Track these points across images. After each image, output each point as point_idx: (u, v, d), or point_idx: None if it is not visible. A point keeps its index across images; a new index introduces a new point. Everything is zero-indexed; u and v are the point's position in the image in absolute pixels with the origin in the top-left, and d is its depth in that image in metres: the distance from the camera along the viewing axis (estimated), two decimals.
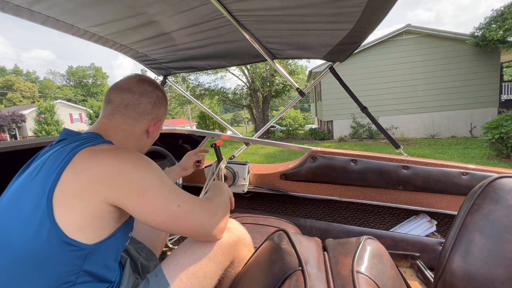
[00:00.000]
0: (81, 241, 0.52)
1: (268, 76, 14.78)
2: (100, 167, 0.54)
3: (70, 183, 0.52)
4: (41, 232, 0.50)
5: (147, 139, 0.79)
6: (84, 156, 0.55)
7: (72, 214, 0.51)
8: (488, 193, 0.59)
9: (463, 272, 0.56)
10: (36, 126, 23.47)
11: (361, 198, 1.50)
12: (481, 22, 9.80)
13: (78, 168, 0.53)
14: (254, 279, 0.52)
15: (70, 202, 0.51)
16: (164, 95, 0.82)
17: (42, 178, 0.53)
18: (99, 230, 0.56)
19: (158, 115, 0.79)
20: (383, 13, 0.90)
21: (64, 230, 0.50)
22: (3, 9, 0.99)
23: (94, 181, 0.53)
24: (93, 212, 0.53)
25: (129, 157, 0.58)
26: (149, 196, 0.57)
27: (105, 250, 0.58)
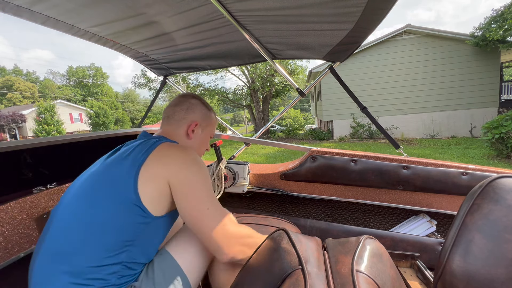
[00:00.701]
0: (149, 210, 0.69)
1: (268, 76, 14.78)
2: (173, 156, 0.74)
3: (151, 166, 0.71)
4: (126, 195, 0.67)
5: (190, 141, 0.92)
6: (163, 148, 0.75)
7: (148, 188, 0.69)
8: (488, 193, 0.60)
9: (463, 272, 0.56)
10: (36, 126, 23.46)
11: (361, 198, 1.50)
12: (481, 22, 9.80)
13: (158, 156, 0.73)
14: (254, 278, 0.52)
15: (149, 179, 0.69)
16: (199, 101, 0.96)
17: (133, 158, 0.72)
18: (162, 206, 0.72)
19: (194, 118, 0.92)
20: (383, 13, 0.90)
21: (141, 198, 0.68)
22: (3, 9, 0.99)
23: (166, 167, 0.71)
24: (161, 190, 0.71)
25: (192, 156, 0.77)
26: (194, 190, 0.72)
27: (157, 227, 0.74)
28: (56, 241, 0.67)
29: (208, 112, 0.98)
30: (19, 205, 1.04)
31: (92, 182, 0.72)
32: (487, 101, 10.13)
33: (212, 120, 1.00)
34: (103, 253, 0.64)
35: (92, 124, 30.73)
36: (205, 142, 0.99)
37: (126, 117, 38.92)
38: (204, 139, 0.97)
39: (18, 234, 1.01)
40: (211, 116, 1.00)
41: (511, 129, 5.51)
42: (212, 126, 1.01)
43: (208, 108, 0.99)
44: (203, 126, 0.96)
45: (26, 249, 1.02)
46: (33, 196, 1.09)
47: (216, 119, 1.04)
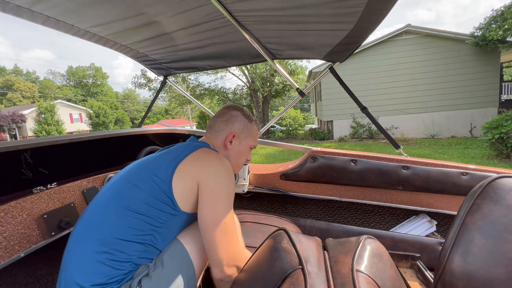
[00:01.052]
0: (178, 204, 0.76)
1: (268, 76, 14.78)
2: (208, 162, 0.80)
3: (188, 164, 0.78)
4: (162, 185, 0.75)
5: (228, 151, 0.96)
6: (203, 152, 0.83)
7: (181, 182, 0.76)
8: (488, 193, 0.60)
9: (463, 272, 0.56)
10: (36, 126, 23.47)
11: (361, 198, 1.50)
12: (481, 22, 9.80)
13: (196, 157, 0.81)
14: (254, 278, 0.52)
15: (183, 175, 0.76)
16: (240, 112, 0.99)
17: (175, 154, 0.81)
18: (190, 204, 0.78)
19: (232, 130, 0.96)
20: (383, 13, 0.90)
21: (173, 191, 0.75)
22: (4, 9, 0.99)
23: (199, 169, 0.78)
24: (190, 188, 0.77)
25: (226, 167, 0.81)
26: (217, 200, 0.75)
27: (182, 221, 0.80)
28: (95, 211, 0.76)
29: (248, 123, 1.00)
30: (19, 205, 1.04)
31: (139, 168, 0.81)
32: (487, 101, 10.12)
33: (253, 131, 1.01)
34: (131, 230, 0.71)
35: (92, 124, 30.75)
36: (244, 153, 1.00)
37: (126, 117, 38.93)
38: (242, 150, 0.99)
39: (18, 234, 1.01)
40: (252, 128, 1.01)
41: (511, 129, 5.51)
42: (252, 137, 1.01)
43: (250, 120, 1.01)
44: (242, 138, 0.98)
45: (26, 249, 1.02)
46: (33, 196, 1.09)
47: (258, 130, 1.05)
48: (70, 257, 0.72)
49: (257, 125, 1.04)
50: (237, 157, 0.99)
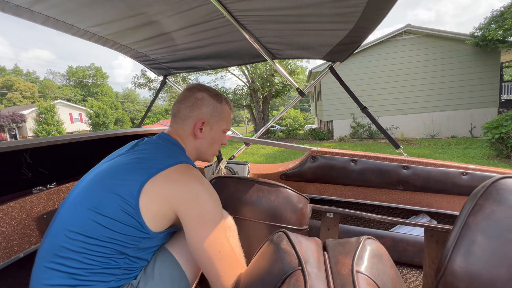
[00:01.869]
0: (149, 226, 0.66)
1: (268, 76, 14.78)
2: (186, 185, 0.68)
3: (160, 185, 0.66)
4: (127, 207, 0.63)
5: (199, 141, 0.86)
6: (178, 170, 0.70)
7: (151, 205, 0.65)
8: (491, 194, 0.59)
9: (465, 273, 0.56)
10: (36, 126, 23.47)
11: (361, 198, 1.50)
12: (481, 22, 9.80)
13: (170, 178, 0.67)
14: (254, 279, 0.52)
15: (153, 198, 0.65)
16: (207, 93, 0.86)
17: (145, 169, 0.67)
18: (162, 224, 0.69)
19: (200, 116, 0.84)
20: (383, 13, 0.90)
21: (142, 213, 0.64)
22: (3, 9, 0.99)
23: (177, 195, 0.66)
24: (165, 213, 0.67)
25: (208, 189, 0.70)
26: (204, 229, 0.66)
27: (157, 240, 0.72)
28: (57, 240, 0.64)
29: (218, 105, 0.87)
30: (18, 205, 1.04)
31: (99, 184, 0.68)
32: (487, 101, 10.12)
33: (224, 113, 0.89)
34: (98, 262, 0.62)
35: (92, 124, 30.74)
36: (217, 139, 0.90)
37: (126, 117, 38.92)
38: (215, 136, 0.89)
39: (17, 234, 1.01)
40: (222, 109, 0.88)
41: (511, 129, 5.51)
42: (224, 120, 0.90)
43: (219, 100, 0.87)
44: (213, 123, 0.86)
45: (26, 249, 1.02)
46: (33, 196, 1.09)
47: (230, 109, 0.93)
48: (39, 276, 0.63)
49: (228, 104, 0.91)
50: (210, 145, 0.88)
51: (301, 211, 1.01)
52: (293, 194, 1.01)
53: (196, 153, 0.87)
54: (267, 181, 1.03)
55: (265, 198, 1.00)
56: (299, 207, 1.00)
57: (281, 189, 1.01)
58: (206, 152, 0.89)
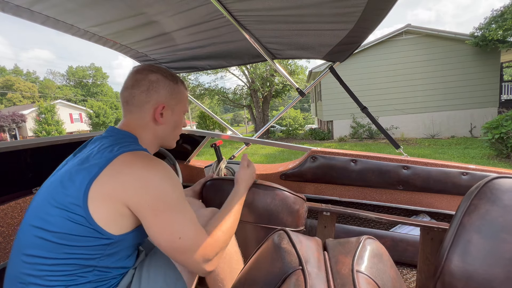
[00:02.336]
0: (108, 231, 0.59)
1: (268, 76, 14.78)
2: (132, 175, 0.60)
3: (105, 183, 0.58)
4: (76, 217, 0.57)
5: (161, 127, 0.78)
6: (122, 162, 0.61)
7: (102, 208, 0.58)
8: (485, 194, 0.60)
9: (462, 272, 0.56)
10: (36, 126, 23.47)
11: (361, 198, 1.50)
12: (481, 22, 9.80)
13: (114, 171, 0.59)
14: (254, 278, 0.52)
15: (102, 198, 0.58)
16: (161, 74, 0.77)
17: (87, 169, 0.60)
18: (124, 225, 0.62)
19: (159, 100, 0.76)
20: (383, 13, 0.90)
21: (95, 219, 0.57)
22: (3, 9, 0.99)
23: (124, 187, 0.59)
24: (120, 211, 0.60)
25: (159, 172, 0.62)
26: (161, 218, 0.61)
27: (127, 241, 0.64)
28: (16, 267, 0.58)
29: (175, 86, 0.79)
30: (18, 206, 1.04)
31: (43, 197, 0.61)
32: (487, 101, 10.12)
33: (182, 94, 0.82)
34: (66, 279, 0.57)
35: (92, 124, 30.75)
36: (179, 123, 0.83)
37: None
38: (177, 119, 0.82)
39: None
40: (180, 90, 0.81)
41: (511, 129, 5.51)
42: (183, 102, 0.83)
43: (174, 81, 0.80)
44: (173, 106, 0.79)
45: None
46: (33, 196, 1.09)
47: (186, 90, 0.85)
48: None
49: (183, 85, 0.84)
50: (172, 130, 0.82)
51: (298, 213, 1.01)
52: (289, 196, 1.01)
53: (157, 141, 0.79)
54: (263, 183, 1.02)
55: (260, 200, 0.99)
56: (296, 209, 1.01)
57: (277, 191, 1.00)
58: (169, 137, 0.82)
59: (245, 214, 1.00)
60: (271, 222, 0.99)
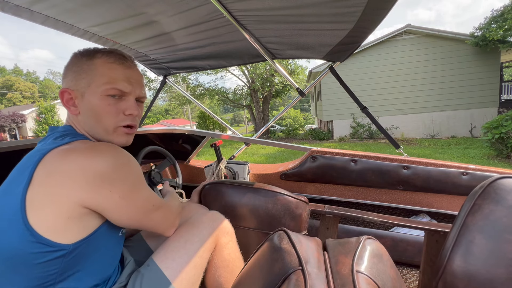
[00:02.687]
0: (58, 241, 0.50)
1: (268, 76, 14.78)
2: (71, 167, 0.50)
3: (40, 187, 0.49)
4: (16, 232, 0.48)
5: (79, 117, 0.63)
6: (54, 160, 0.51)
7: (45, 215, 0.49)
8: (489, 194, 0.60)
9: (464, 272, 0.56)
10: (36, 126, 23.48)
11: (361, 198, 1.50)
12: (481, 22, 9.80)
13: (49, 168, 0.50)
14: (254, 278, 0.52)
15: (42, 202, 0.49)
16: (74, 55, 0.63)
17: (21, 175, 0.51)
18: (78, 230, 0.53)
19: (63, 86, 0.63)
20: (383, 13, 0.90)
21: (38, 230, 0.48)
22: (3, 9, 0.99)
23: (66, 185, 0.50)
24: (68, 215, 0.50)
25: (110, 157, 0.53)
26: (132, 197, 0.57)
27: (88, 248, 0.55)
28: None
29: (87, 62, 0.61)
30: None
31: None
32: (487, 101, 10.12)
33: (96, 69, 0.60)
34: None
35: None
36: (100, 108, 0.61)
37: None
38: (94, 105, 0.61)
39: None
40: (93, 65, 0.61)
41: (511, 129, 5.51)
42: (100, 77, 0.60)
43: (88, 56, 0.62)
44: (82, 88, 0.61)
45: None
46: None
47: (115, 63, 0.62)
48: None
49: (108, 56, 0.62)
50: (95, 120, 0.62)
51: (300, 217, 1.00)
52: (292, 200, 0.99)
53: (89, 134, 0.65)
54: (264, 187, 1.01)
55: (262, 206, 0.98)
56: (298, 213, 0.99)
57: (279, 196, 0.99)
58: (97, 131, 0.63)
59: (246, 219, 0.99)
60: (273, 227, 0.98)
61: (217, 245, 0.81)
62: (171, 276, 0.65)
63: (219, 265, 0.81)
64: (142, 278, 0.65)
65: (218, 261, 0.81)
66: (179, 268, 0.67)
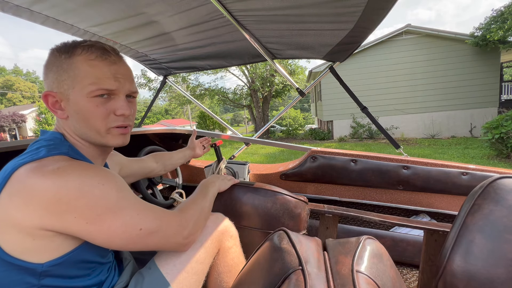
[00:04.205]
0: (29, 261, 0.47)
1: (268, 76, 14.78)
2: (31, 190, 0.46)
3: (5, 206, 0.46)
4: None
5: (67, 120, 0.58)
6: (21, 176, 0.47)
7: (11, 236, 0.46)
8: (489, 194, 0.60)
9: (464, 272, 0.56)
10: (36, 126, 23.48)
11: (361, 198, 1.50)
12: (481, 22, 9.80)
13: (11, 189, 0.47)
14: (254, 278, 0.52)
15: (7, 224, 0.46)
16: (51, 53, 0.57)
17: None
18: (51, 250, 0.49)
19: (46, 89, 0.58)
20: (383, 13, 0.90)
21: (7, 250, 0.46)
22: (3, 9, 0.99)
23: (28, 207, 0.46)
24: (33, 236, 0.47)
25: (75, 179, 0.48)
26: (103, 223, 0.50)
27: (69, 263, 0.52)
28: None
29: (66, 61, 0.55)
30: None
31: None
32: (487, 101, 10.12)
33: (77, 68, 0.55)
34: None
35: None
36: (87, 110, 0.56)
37: None
38: (82, 108, 0.56)
39: None
40: (73, 64, 0.55)
41: (511, 129, 5.51)
42: (83, 78, 0.55)
43: (67, 53, 0.55)
44: (67, 90, 0.55)
45: None
46: None
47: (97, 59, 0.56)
48: None
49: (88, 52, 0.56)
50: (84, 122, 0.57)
51: (299, 217, 1.00)
52: (291, 200, 0.99)
53: (83, 140, 0.61)
54: (263, 187, 1.01)
55: (261, 205, 0.98)
56: (297, 213, 0.99)
57: (278, 195, 0.99)
58: (89, 134, 0.59)
59: (245, 218, 0.99)
60: (272, 226, 0.97)
61: (221, 249, 0.79)
62: (172, 281, 0.64)
63: (221, 271, 0.78)
64: (143, 280, 0.64)
65: (221, 267, 0.79)
66: (180, 275, 0.66)
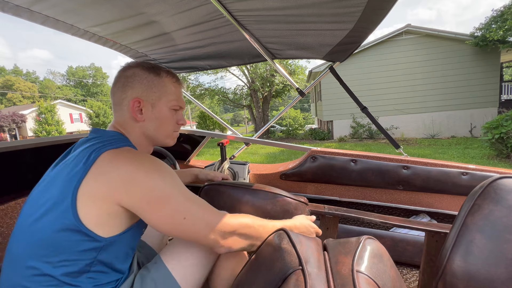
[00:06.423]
0: (98, 234, 0.58)
1: (268, 76, 14.78)
2: (116, 171, 0.58)
3: (91, 184, 0.57)
4: (65, 222, 0.55)
5: (143, 123, 0.73)
6: (104, 161, 0.59)
7: (91, 210, 0.57)
8: (489, 194, 0.60)
9: (464, 272, 0.56)
10: (36, 126, 23.47)
11: (361, 198, 1.50)
12: (481, 22, 9.80)
13: (98, 171, 0.58)
14: (254, 278, 0.52)
15: (90, 200, 0.57)
16: (139, 68, 0.73)
17: (71, 173, 0.58)
18: (115, 226, 0.61)
19: (133, 95, 0.71)
20: (383, 13, 0.90)
21: (84, 223, 0.56)
22: (3, 9, 0.99)
23: (111, 186, 0.58)
24: (108, 211, 0.58)
25: (144, 165, 0.61)
26: (158, 206, 0.60)
27: (119, 243, 0.63)
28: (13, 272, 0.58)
29: (155, 78, 0.73)
30: (18, 206, 1.04)
31: (32, 204, 0.61)
32: (487, 101, 10.12)
33: (166, 87, 0.74)
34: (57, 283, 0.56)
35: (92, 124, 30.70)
36: (166, 118, 0.75)
37: None
38: (161, 115, 0.74)
39: None
40: (163, 82, 0.74)
41: (511, 129, 5.51)
42: (169, 94, 0.75)
43: (156, 73, 0.74)
44: (153, 100, 0.72)
45: None
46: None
47: (178, 83, 0.79)
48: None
49: (172, 76, 0.77)
50: (158, 127, 0.74)
51: None
52: (291, 201, 0.99)
53: (147, 139, 0.75)
54: (263, 188, 1.00)
55: (261, 207, 0.98)
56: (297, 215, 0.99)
57: (278, 197, 0.98)
58: (157, 135, 0.75)
59: None
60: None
61: None
62: (177, 276, 0.69)
63: (224, 266, 0.81)
64: (149, 275, 0.69)
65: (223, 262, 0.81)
66: (185, 270, 0.70)
